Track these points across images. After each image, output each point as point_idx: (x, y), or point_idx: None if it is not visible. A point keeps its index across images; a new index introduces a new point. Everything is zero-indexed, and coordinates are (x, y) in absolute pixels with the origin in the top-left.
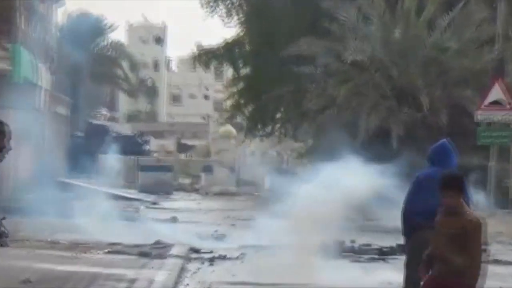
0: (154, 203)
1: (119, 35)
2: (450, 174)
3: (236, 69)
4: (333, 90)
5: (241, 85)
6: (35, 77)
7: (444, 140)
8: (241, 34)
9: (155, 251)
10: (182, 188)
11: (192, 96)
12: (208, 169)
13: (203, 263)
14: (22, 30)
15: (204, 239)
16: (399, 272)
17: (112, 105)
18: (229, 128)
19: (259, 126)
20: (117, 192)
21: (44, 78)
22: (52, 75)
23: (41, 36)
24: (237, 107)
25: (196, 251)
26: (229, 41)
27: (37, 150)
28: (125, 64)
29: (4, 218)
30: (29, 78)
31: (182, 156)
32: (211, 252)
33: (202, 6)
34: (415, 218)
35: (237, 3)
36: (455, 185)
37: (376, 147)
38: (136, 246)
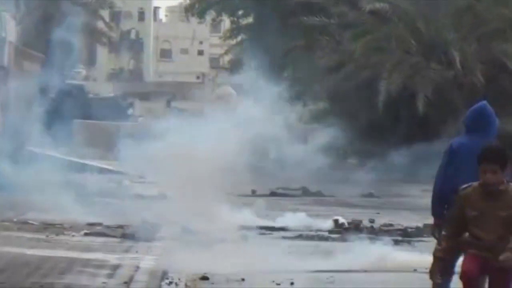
0: (140, 177)
1: None
2: (492, 146)
3: (235, 19)
4: (349, 45)
5: (241, 37)
6: None
7: (483, 102)
8: None
9: (140, 233)
10: None
11: (183, 51)
12: None
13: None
14: None
15: (197, 219)
16: (426, 256)
17: (90, 62)
18: (228, 88)
19: (263, 86)
20: (95, 163)
21: (9, 28)
22: (18, 25)
23: None
24: (237, 64)
25: (190, 231)
26: None
27: (1, 113)
28: (105, 14)
29: None
30: None
31: None
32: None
33: None
34: (448, 196)
35: None
36: (498, 159)
37: (400, 110)
38: (119, 227)
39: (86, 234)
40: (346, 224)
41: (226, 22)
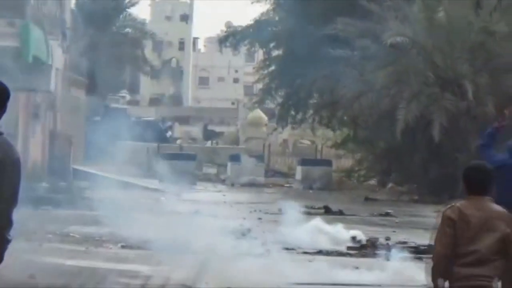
0: (176, 194)
1: (142, 11)
2: None
3: (267, 50)
4: (371, 76)
5: (272, 67)
6: (46, 56)
7: None
8: (272, 12)
9: (173, 246)
10: (207, 178)
11: (220, 79)
12: (235, 158)
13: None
14: (31, 4)
15: (227, 234)
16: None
17: (133, 88)
18: (260, 114)
19: (291, 113)
20: (136, 181)
21: (57, 57)
22: (65, 53)
23: (53, 11)
24: (268, 92)
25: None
26: (260, 19)
27: (50, 134)
28: (148, 43)
29: None
30: (40, 57)
31: (208, 144)
32: (234, 249)
33: None
34: None
35: None
36: None
37: (416, 138)
38: (154, 240)
39: (122, 247)
40: (364, 241)
41: (260, 52)
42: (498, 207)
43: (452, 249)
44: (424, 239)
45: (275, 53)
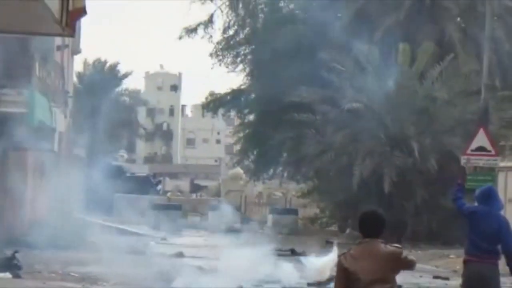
0: (164, 239)
1: (137, 83)
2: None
3: (241, 115)
4: (331, 136)
5: (246, 131)
6: (49, 120)
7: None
8: (246, 83)
9: (157, 284)
10: (192, 226)
11: (205, 140)
12: (215, 208)
13: None
14: (38, 77)
15: (205, 273)
16: None
17: (130, 148)
18: (238, 170)
19: (263, 169)
20: (129, 228)
21: (59, 121)
22: (66, 118)
23: (57, 82)
24: (243, 152)
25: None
26: (236, 88)
27: (54, 188)
28: (142, 110)
29: (17, 252)
30: (44, 121)
31: (194, 196)
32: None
33: (211, 55)
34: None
35: (242, 54)
36: None
37: (370, 189)
38: (144, 278)
39: (114, 284)
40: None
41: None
42: (385, 249)
43: None
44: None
45: (249, 118)
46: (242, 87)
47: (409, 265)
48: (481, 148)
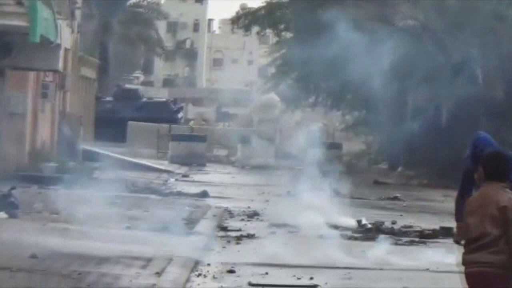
0: (185, 176)
1: None
2: None
3: (278, 32)
4: (381, 59)
5: (284, 51)
6: (54, 35)
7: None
8: None
9: (177, 227)
10: (217, 160)
11: (234, 61)
12: (245, 140)
13: (229, 242)
14: None
15: (234, 216)
16: (438, 256)
17: (147, 68)
18: (273, 96)
19: (303, 96)
20: (145, 162)
21: (65, 36)
22: (73, 33)
23: None
24: (279, 75)
25: (223, 228)
26: (271, 1)
27: (59, 114)
28: (162, 24)
29: (14, 188)
30: (48, 36)
31: (220, 126)
32: (239, 230)
33: None
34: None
35: None
36: None
37: (425, 121)
38: (158, 221)
39: (127, 228)
40: (369, 225)
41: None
42: (500, 193)
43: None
44: (430, 223)
45: (288, 35)
46: (279, 1)
47: None
48: None
